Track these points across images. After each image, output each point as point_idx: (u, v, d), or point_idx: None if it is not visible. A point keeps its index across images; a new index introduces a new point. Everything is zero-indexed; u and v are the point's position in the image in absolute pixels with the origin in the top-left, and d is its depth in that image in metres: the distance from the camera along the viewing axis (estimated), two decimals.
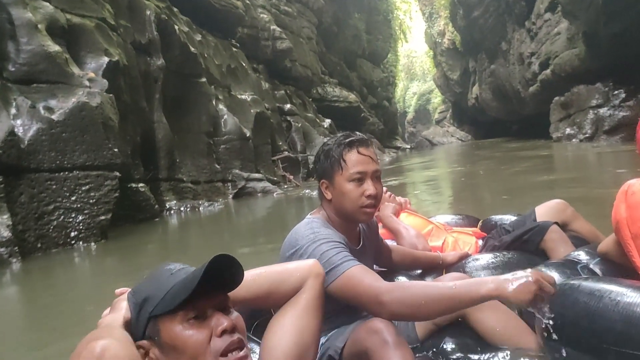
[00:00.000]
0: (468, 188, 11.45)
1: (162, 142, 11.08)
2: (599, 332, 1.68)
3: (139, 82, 10.45)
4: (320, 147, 2.16)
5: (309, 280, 1.60)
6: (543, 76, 21.26)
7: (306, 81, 22.83)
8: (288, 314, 1.56)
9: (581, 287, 1.82)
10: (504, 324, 2.07)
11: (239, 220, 10.72)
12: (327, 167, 2.08)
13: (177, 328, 1.27)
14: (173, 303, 1.26)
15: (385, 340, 1.64)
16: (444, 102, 48.38)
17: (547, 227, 2.85)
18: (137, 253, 7.35)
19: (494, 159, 18.32)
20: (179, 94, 12.16)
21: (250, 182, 13.16)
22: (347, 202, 2.06)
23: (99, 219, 7.57)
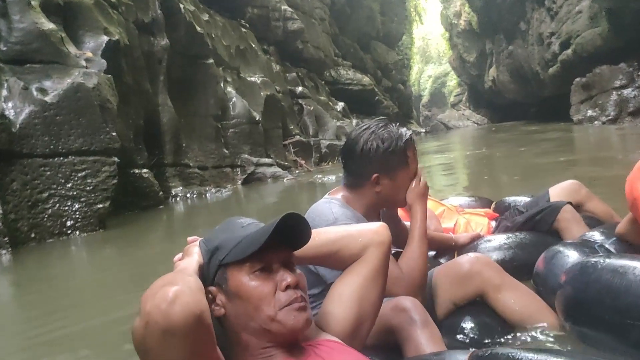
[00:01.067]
0: (484, 171, 10.99)
1: (167, 126, 10.60)
2: (623, 308, 1.65)
3: (142, 63, 9.96)
4: (370, 139, 2.06)
5: (371, 248, 1.54)
6: (564, 56, 20.55)
7: (318, 63, 22.16)
8: (350, 282, 1.53)
9: (604, 265, 1.79)
10: (524, 304, 2.06)
11: (247, 207, 10.25)
12: (392, 162, 2.04)
13: (244, 278, 1.32)
14: (244, 253, 1.31)
15: (413, 319, 1.65)
16: (459, 85, 47.44)
17: (560, 207, 2.83)
18: (137, 243, 6.91)
19: (511, 141, 17.76)
20: (185, 76, 11.66)
21: (260, 167, 12.67)
22: (402, 194, 2.10)
23: (97, 207, 7.13)
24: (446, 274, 2.20)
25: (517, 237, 2.82)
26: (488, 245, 2.79)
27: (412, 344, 1.64)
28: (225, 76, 13.22)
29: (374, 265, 1.53)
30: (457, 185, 9.21)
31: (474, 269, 2.12)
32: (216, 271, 1.36)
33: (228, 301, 1.33)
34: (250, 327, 1.32)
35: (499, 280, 2.11)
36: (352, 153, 2.12)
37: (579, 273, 1.87)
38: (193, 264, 1.35)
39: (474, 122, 40.77)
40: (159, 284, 1.15)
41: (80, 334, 3.41)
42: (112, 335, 3.27)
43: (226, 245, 1.36)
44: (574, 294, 1.88)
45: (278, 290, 1.33)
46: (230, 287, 1.33)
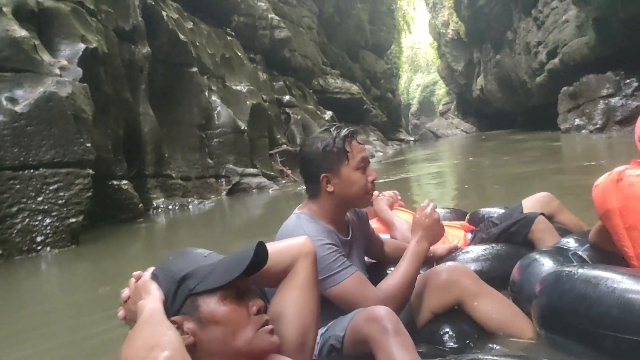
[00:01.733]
0: (469, 180, 10.85)
1: (149, 136, 10.26)
2: (596, 318, 1.69)
3: (122, 72, 9.62)
4: (313, 145, 2.12)
5: (300, 260, 1.58)
6: (551, 66, 20.46)
7: (306, 72, 21.90)
8: (285, 298, 1.56)
9: (577, 274, 1.83)
10: (500, 311, 2.09)
11: (231, 219, 9.91)
12: (332, 160, 2.07)
13: (219, 304, 1.33)
14: (223, 280, 1.34)
15: (385, 328, 1.64)
16: (448, 93, 47.35)
17: (534, 218, 2.86)
18: (112, 259, 6.54)
19: (498, 150, 17.68)
20: (167, 85, 11.33)
21: (245, 177, 12.34)
22: (354, 190, 2.09)
23: (69, 221, 6.75)
24: (425, 283, 2.19)
25: (493, 248, 2.84)
26: (465, 256, 2.80)
27: (384, 353, 1.63)
28: (210, 85, 12.90)
29: (305, 275, 1.57)
30: (446, 195, 8.95)
31: (452, 278, 2.13)
32: (184, 300, 1.35)
33: (199, 329, 1.33)
34: (223, 351, 1.34)
35: (476, 288, 2.13)
36: (302, 162, 2.19)
37: (553, 282, 1.90)
38: (159, 305, 1.32)
39: (463, 130, 40.74)
40: (143, 345, 1.14)
41: (45, 356, 3.19)
42: (79, 356, 3.12)
43: (195, 274, 1.36)
44: (549, 302, 1.90)
45: (250, 314, 1.37)
46: (203, 314, 1.33)
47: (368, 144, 24.38)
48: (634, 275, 1.74)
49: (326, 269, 1.92)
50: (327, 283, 1.93)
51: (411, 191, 10.44)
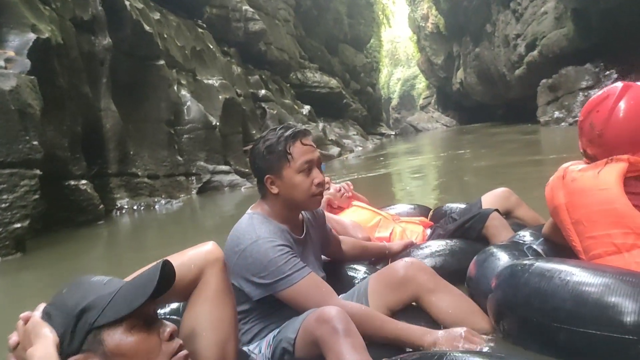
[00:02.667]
0: (450, 174, 10.44)
1: (111, 133, 9.59)
2: (550, 311, 1.70)
3: (80, 65, 8.92)
4: (259, 144, 2.08)
5: (208, 269, 1.49)
6: (529, 58, 20.27)
7: (283, 66, 21.25)
8: (198, 312, 1.46)
9: (532, 268, 1.83)
10: (457, 306, 2.06)
11: (200, 220, 9.30)
12: (273, 162, 2.03)
13: (125, 335, 1.21)
14: (129, 308, 1.21)
15: (335, 329, 1.60)
16: (428, 87, 47.15)
17: (487, 214, 2.87)
18: (61, 268, 5.91)
19: (478, 143, 17.31)
20: (133, 79, 10.65)
21: (217, 175, 11.72)
22: (298, 193, 2.05)
23: (13, 227, 6.12)
24: (381, 279, 2.15)
25: (447, 244, 2.84)
26: (420, 252, 2.81)
27: (334, 354, 1.58)
28: (179, 79, 12.23)
29: (215, 283, 1.49)
30: (422, 190, 8.47)
31: (409, 274, 2.10)
32: (85, 336, 1.21)
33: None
34: None
35: (432, 284, 2.09)
36: (250, 161, 2.15)
37: (508, 277, 1.89)
38: (51, 350, 1.16)
39: (443, 124, 40.52)
40: None
41: None
42: None
43: (96, 305, 1.22)
44: (504, 297, 1.88)
45: (162, 341, 1.27)
46: (108, 348, 1.20)
47: (347, 139, 23.89)
48: (586, 268, 1.75)
49: (278, 272, 1.89)
50: (279, 285, 1.89)
51: (391, 187, 9.94)
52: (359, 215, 3.42)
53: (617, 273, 1.68)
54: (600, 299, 1.62)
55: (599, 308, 1.61)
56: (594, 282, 1.66)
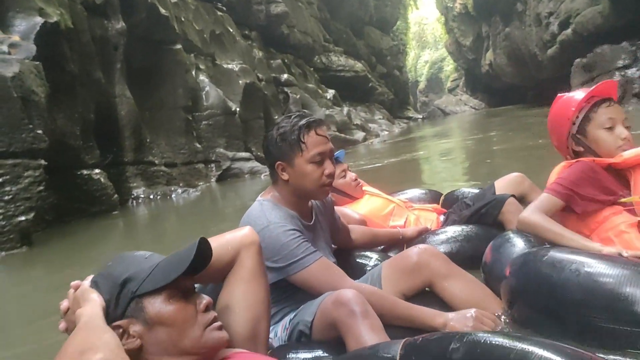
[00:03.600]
0: (478, 158, 9.95)
1: (126, 120, 9.27)
2: (560, 301, 1.71)
3: (92, 49, 8.59)
4: (273, 130, 2.08)
5: (243, 251, 1.55)
6: (563, 37, 19.39)
7: (307, 49, 20.69)
8: (233, 291, 1.53)
9: (545, 258, 1.84)
10: (470, 291, 2.06)
11: (218, 209, 8.93)
12: (285, 149, 2.02)
13: (165, 304, 1.29)
14: (166, 280, 1.29)
15: (352, 311, 1.63)
16: (456, 69, 45.98)
17: (504, 199, 2.84)
18: (68, 262, 5.60)
19: (506, 126, 16.68)
20: (148, 64, 10.30)
21: (236, 162, 11.35)
22: (307, 183, 2.04)
23: (17, 220, 5.82)
24: (395, 266, 2.16)
25: (463, 230, 2.82)
26: (436, 238, 2.79)
27: (353, 336, 1.60)
28: (198, 63, 11.86)
29: (250, 266, 1.54)
30: (453, 174, 7.97)
31: (422, 260, 2.10)
32: (128, 303, 1.29)
33: (146, 331, 1.28)
34: (172, 351, 1.29)
35: (446, 270, 2.09)
36: (263, 146, 2.15)
37: (521, 265, 1.91)
38: (98, 310, 1.25)
39: (472, 107, 39.49)
40: (76, 349, 1.09)
41: None
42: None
43: (138, 276, 1.31)
44: (517, 284, 1.90)
45: (198, 312, 1.33)
46: (149, 316, 1.28)
47: (373, 123, 23.33)
48: (599, 259, 1.74)
49: (290, 255, 1.90)
50: (291, 269, 1.90)
51: (411, 173, 9.43)
52: (372, 203, 3.33)
53: (630, 264, 1.69)
54: (610, 290, 1.62)
55: (609, 299, 1.61)
56: (606, 273, 1.67)
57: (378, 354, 1.45)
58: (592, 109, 2.32)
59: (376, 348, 1.48)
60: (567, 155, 2.45)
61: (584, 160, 2.24)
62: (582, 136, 2.35)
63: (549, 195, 2.22)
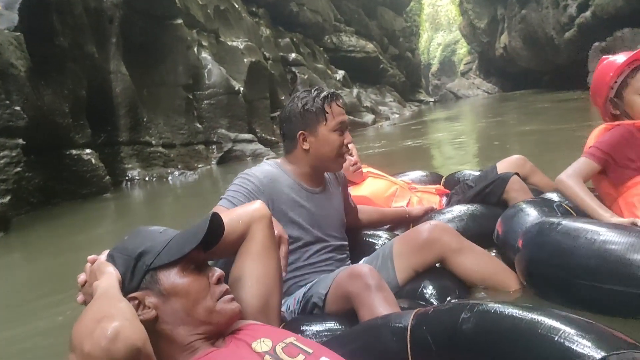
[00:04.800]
0: (486, 142, 9.64)
1: (122, 97, 8.76)
2: (574, 268, 1.74)
3: (85, 22, 8.05)
4: (293, 102, 2.15)
5: (254, 224, 1.56)
6: (581, 19, 18.66)
7: (316, 28, 19.97)
8: (244, 264, 1.55)
9: (559, 227, 1.85)
10: (483, 265, 2.09)
11: (215, 193, 8.45)
12: (310, 118, 2.09)
13: (179, 276, 1.32)
14: (181, 253, 1.33)
15: (367, 284, 1.67)
16: (470, 52, 44.98)
17: (508, 178, 2.85)
18: (43, 250, 5.18)
19: (520, 110, 16.33)
20: (147, 40, 9.75)
21: (239, 143, 10.82)
22: (328, 151, 2.11)
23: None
24: (406, 242, 2.16)
25: (469, 209, 2.79)
26: (442, 217, 2.75)
27: (366, 308, 1.64)
28: (200, 40, 11.29)
29: (260, 239, 1.55)
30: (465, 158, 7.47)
31: (433, 236, 2.10)
32: (143, 276, 1.32)
33: (162, 302, 1.31)
34: (186, 321, 1.31)
35: (457, 244, 2.09)
36: (281, 118, 2.23)
37: (536, 234, 1.93)
38: (114, 282, 1.28)
39: (484, 91, 38.63)
40: (93, 317, 1.10)
41: None
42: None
43: (152, 249, 1.34)
44: (530, 254, 1.92)
45: (211, 284, 1.36)
46: (164, 287, 1.31)
47: (383, 106, 22.70)
48: (612, 228, 1.77)
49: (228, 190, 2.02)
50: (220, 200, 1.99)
51: (424, 156, 8.89)
52: (375, 185, 3.29)
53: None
54: (622, 257, 1.64)
55: (621, 265, 1.63)
56: (618, 240, 1.68)
57: (390, 324, 1.45)
58: (631, 74, 2.29)
59: (388, 318, 1.50)
60: (606, 118, 2.45)
61: (625, 124, 2.24)
62: (619, 100, 2.34)
63: (586, 159, 2.24)
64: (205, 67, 10.97)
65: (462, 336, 1.29)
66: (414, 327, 1.38)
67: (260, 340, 1.31)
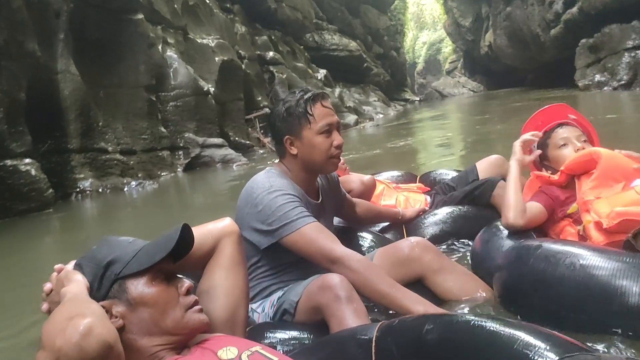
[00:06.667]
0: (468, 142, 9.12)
1: (71, 100, 7.77)
2: (556, 299, 1.69)
3: (24, 16, 7.04)
4: (278, 106, 2.10)
5: (223, 239, 1.54)
6: (568, 16, 18.15)
7: (296, 26, 18.96)
8: (213, 276, 1.52)
9: (537, 252, 1.80)
10: (461, 285, 2.06)
11: (177, 205, 7.51)
12: (293, 123, 2.01)
13: (147, 286, 1.29)
14: (150, 262, 1.30)
15: (337, 296, 1.64)
16: (455, 51, 44.48)
17: (495, 183, 2.89)
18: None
19: (504, 108, 15.95)
20: (103, 36, 8.74)
21: (207, 149, 9.87)
22: (317, 155, 2.03)
23: None
24: (387, 256, 2.12)
25: (460, 210, 2.86)
26: (434, 218, 2.81)
27: (336, 319, 1.62)
28: (166, 37, 10.29)
29: (230, 253, 1.54)
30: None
31: (414, 254, 2.08)
32: (111, 285, 1.30)
33: (129, 311, 1.28)
34: (153, 331, 1.29)
35: (437, 264, 2.07)
36: (268, 123, 2.18)
37: (514, 260, 1.89)
38: (83, 288, 1.25)
39: (470, 89, 38.28)
40: (63, 316, 1.10)
41: None
42: None
43: (121, 259, 1.32)
44: (510, 281, 1.88)
45: (180, 294, 1.33)
46: (132, 297, 1.28)
47: (367, 106, 21.82)
48: (593, 251, 1.72)
49: (284, 217, 1.86)
50: (285, 230, 1.86)
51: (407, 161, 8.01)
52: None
53: (625, 257, 1.65)
54: (607, 287, 1.59)
55: (605, 298, 1.58)
56: (601, 266, 1.63)
57: (356, 336, 1.46)
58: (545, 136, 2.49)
59: (354, 330, 1.51)
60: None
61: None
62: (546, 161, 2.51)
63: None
64: (170, 67, 9.99)
65: (426, 347, 1.30)
66: (379, 339, 1.39)
67: (226, 349, 1.28)
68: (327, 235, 1.87)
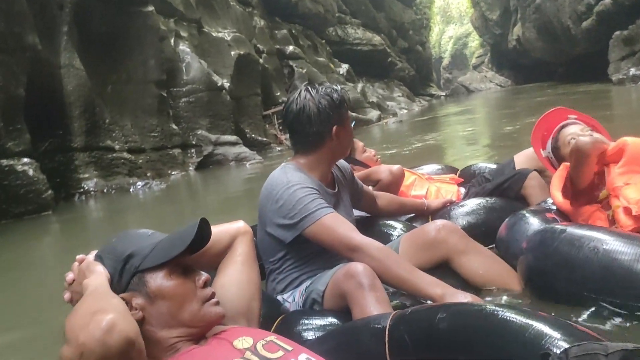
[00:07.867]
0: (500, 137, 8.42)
1: (75, 96, 7.36)
2: (579, 281, 1.69)
3: (24, 8, 6.62)
4: (324, 95, 1.98)
5: (239, 237, 1.57)
6: (600, 7, 17.38)
7: (317, 19, 18.36)
8: (228, 272, 1.54)
9: (562, 236, 1.80)
10: (488, 267, 2.04)
11: (187, 204, 7.04)
12: (343, 113, 2.02)
13: (166, 279, 1.30)
14: (168, 256, 1.30)
15: (360, 283, 1.66)
16: (482, 45, 43.49)
17: (526, 174, 2.86)
18: None
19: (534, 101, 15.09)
20: (110, 29, 8.30)
21: (220, 146, 9.40)
22: (348, 142, 2.11)
23: None
24: (413, 240, 2.12)
25: (487, 202, 2.76)
26: (460, 210, 2.71)
27: (358, 307, 1.63)
28: (179, 30, 9.83)
29: (243, 251, 1.56)
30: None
31: (440, 236, 2.06)
32: (131, 278, 1.29)
33: (148, 304, 1.27)
34: (171, 323, 1.28)
35: (463, 246, 2.06)
36: (307, 118, 2.00)
37: (539, 243, 1.88)
38: (104, 280, 1.26)
39: (497, 84, 37.20)
40: (87, 311, 1.11)
41: None
42: None
43: (140, 252, 1.31)
44: (535, 263, 1.88)
45: (197, 287, 1.33)
46: (151, 290, 1.28)
47: (391, 101, 21.20)
48: (617, 236, 1.72)
49: (304, 210, 1.86)
50: (306, 222, 1.86)
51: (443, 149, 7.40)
52: None
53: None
54: (629, 270, 1.58)
55: (629, 279, 1.57)
56: (624, 251, 1.62)
57: (369, 325, 1.47)
58: (555, 139, 2.59)
59: (368, 319, 1.51)
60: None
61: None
62: (559, 159, 2.59)
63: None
64: (183, 61, 9.54)
65: (439, 335, 1.32)
66: (392, 328, 1.41)
67: (241, 339, 1.30)
68: (346, 225, 1.87)
